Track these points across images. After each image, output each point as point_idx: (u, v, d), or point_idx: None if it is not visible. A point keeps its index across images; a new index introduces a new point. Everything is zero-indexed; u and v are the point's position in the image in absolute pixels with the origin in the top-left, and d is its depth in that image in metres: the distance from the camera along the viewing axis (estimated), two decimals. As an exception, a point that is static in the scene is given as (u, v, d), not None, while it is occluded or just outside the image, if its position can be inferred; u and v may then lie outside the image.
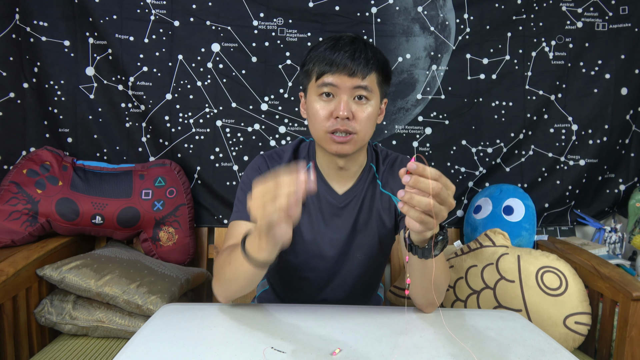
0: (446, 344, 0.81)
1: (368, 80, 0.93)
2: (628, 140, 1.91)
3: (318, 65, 0.94)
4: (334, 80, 0.92)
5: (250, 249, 0.80)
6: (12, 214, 1.50)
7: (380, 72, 0.96)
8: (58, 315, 1.35)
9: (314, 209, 1.05)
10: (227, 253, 0.90)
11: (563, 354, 0.78)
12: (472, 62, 1.83)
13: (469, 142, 1.85)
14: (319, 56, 0.94)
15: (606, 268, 1.38)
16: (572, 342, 1.36)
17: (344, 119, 0.93)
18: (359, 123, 0.94)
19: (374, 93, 0.96)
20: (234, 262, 0.85)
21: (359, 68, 0.91)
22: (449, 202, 0.70)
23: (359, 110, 0.94)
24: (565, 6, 1.83)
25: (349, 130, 0.93)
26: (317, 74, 0.94)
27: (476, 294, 1.46)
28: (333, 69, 0.92)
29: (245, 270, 0.83)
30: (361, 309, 0.98)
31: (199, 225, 1.78)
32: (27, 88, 1.69)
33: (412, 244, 0.81)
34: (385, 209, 1.06)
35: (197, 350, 0.76)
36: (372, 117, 0.96)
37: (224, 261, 0.89)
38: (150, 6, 1.70)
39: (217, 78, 1.75)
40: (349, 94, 0.93)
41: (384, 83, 0.99)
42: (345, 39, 0.94)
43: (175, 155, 1.75)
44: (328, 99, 0.94)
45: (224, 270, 0.89)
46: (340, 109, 0.92)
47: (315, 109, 0.95)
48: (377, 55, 0.96)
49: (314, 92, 0.96)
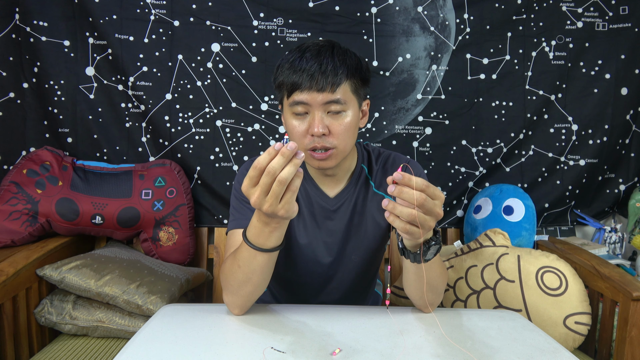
0: (446, 344, 0.81)
1: (340, 92, 0.89)
2: (628, 140, 1.91)
3: (287, 80, 0.90)
4: (304, 98, 0.88)
5: (257, 239, 0.79)
6: (12, 214, 1.50)
7: (354, 78, 0.92)
8: (58, 315, 1.35)
9: (307, 213, 1.04)
10: (230, 260, 0.87)
11: (563, 354, 0.78)
12: (472, 62, 1.83)
13: (469, 142, 1.85)
14: (288, 70, 0.90)
15: (606, 268, 1.38)
16: (572, 342, 1.36)
17: (320, 136, 0.89)
18: (337, 137, 0.90)
19: (349, 103, 0.91)
20: (244, 262, 0.83)
21: (327, 81, 0.87)
22: (435, 212, 0.69)
23: (334, 124, 0.90)
24: (565, 6, 1.83)
25: (327, 146, 0.90)
26: (287, 91, 0.90)
27: (476, 294, 1.46)
28: (302, 84, 0.87)
29: (259, 263, 0.82)
30: (361, 309, 0.98)
31: (199, 225, 1.78)
32: (27, 88, 1.69)
33: (404, 249, 0.81)
34: (378, 209, 1.05)
35: (197, 350, 0.76)
36: (351, 127, 0.92)
37: (231, 268, 0.86)
38: (150, 6, 1.70)
39: (217, 78, 1.75)
40: (322, 109, 0.89)
41: (360, 88, 0.94)
42: (311, 50, 0.90)
43: (175, 155, 1.75)
44: (302, 116, 0.91)
45: (234, 275, 0.86)
46: (315, 127, 0.88)
47: (291, 126, 0.92)
48: (347, 61, 0.91)
49: (288, 110, 0.93)
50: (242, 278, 0.85)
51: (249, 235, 0.80)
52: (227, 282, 0.88)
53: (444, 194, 1.86)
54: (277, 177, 0.68)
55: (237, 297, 0.88)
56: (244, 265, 0.83)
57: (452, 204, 1.88)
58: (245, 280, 0.85)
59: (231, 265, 0.86)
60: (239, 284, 0.86)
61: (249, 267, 0.83)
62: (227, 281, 0.88)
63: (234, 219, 1.00)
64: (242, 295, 0.88)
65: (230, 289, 0.88)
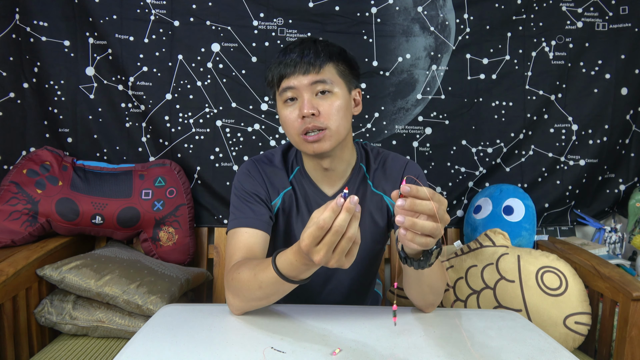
0: (446, 344, 0.81)
1: (325, 73, 0.92)
2: (628, 140, 1.91)
3: (275, 72, 0.95)
4: (292, 83, 0.92)
5: (291, 273, 0.77)
6: (12, 214, 1.50)
7: (338, 62, 0.95)
8: (58, 315, 1.35)
9: (305, 211, 1.04)
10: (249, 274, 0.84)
11: (563, 354, 0.78)
12: (472, 62, 1.83)
13: (469, 142, 1.85)
14: (274, 65, 0.95)
15: (606, 268, 1.38)
16: (572, 342, 1.36)
17: (310, 116, 0.91)
18: (327, 117, 0.92)
19: (337, 84, 0.94)
20: (267, 284, 0.81)
21: (310, 62, 0.91)
22: (445, 219, 0.68)
23: (323, 104, 0.93)
24: (565, 6, 1.83)
25: (318, 126, 0.92)
26: (277, 82, 0.95)
27: (476, 294, 1.46)
28: (288, 71, 0.92)
29: (285, 290, 0.82)
30: (361, 309, 0.98)
31: (199, 225, 1.78)
32: (27, 88, 1.69)
33: (406, 257, 0.79)
34: (377, 208, 1.05)
35: (197, 350, 0.76)
36: (341, 109, 0.94)
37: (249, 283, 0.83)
38: (150, 6, 1.70)
39: (217, 78, 1.75)
40: (309, 91, 0.92)
41: (348, 72, 0.97)
42: (295, 42, 0.96)
43: (175, 155, 1.75)
44: (293, 102, 0.94)
45: (250, 291, 0.84)
46: (304, 107, 0.91)
47: (284, 116, 0.95)
48: (329, 48, 0.95)
49: (280, 101, 0.96)
50: (261, 296, 0.84)
51: (281, 268, 0.77)
52: (239, 290, 0.87)
53: (444, 194, 1.86)
54: (344, 235, 0.66)
55: (245, 304, 0.89)
56: (266, 287, 0.81)
57: (452, 204, 1.88)
58: (262, 298, 0.85)
59: (250, 281, 0.83)
60: (255, 299, 0.86)
61: (271, 290, 0.82)
62: (240, 290, 0.86)
63: (235, 218, 1.00)
64: (253, 306, 0.89)
65: (241, 297, 0.87)
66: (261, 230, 0.98)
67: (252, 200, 1.01)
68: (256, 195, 1.02)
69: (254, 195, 1.01)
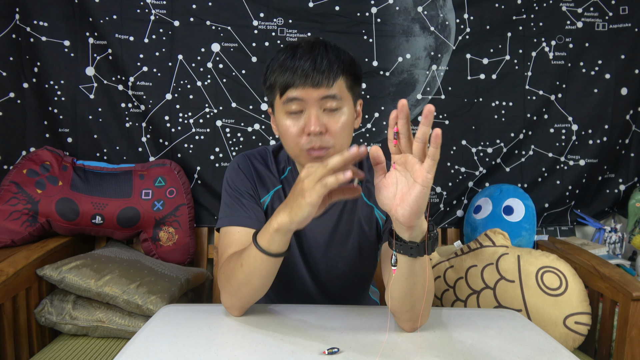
0: (446, 344, 0.81)
1: (336, 88, 0.85)
2: (628, 140, 1.91)
3: (279, 79, 0.86)
4: (299, 94, 0.84)
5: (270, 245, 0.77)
6: (12, 214, 1.50)
7: (349, 75, 0.88)
8: (58, 315, 1.35)
9: None
10: (234, 260, 0.85)
11: (563, 354, 0.78)
12: (472, 62, 1.83)
13: (469, 142, 1.85)
14: (279, 69, 0.86)
15: (606, 268, 1.38)
16: (572, 342, 1.36)
17: (317, 135, 0.85)
18: (334, 136, 0.86)
19: (345, 100, 0.88)
20: (248, 263, 0.81)
21: (323, 76, 0.83)
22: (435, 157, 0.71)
23: (331, 122, 0.86)
24: (565, 6, 1.83)
25: (324, 145, 0.86)
26: (281, 89, 0.86)
27: (476, 294, 1.46)
28: (296, 81, 0.84)
29: (266, 267, 0.80)
30: (361, 309, 0.98)
31: (199, 225, 1.78)
32: (27, 88, 1.69)
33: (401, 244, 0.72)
34: (367, 219, 1.01)
35: (197, 351, 0.76)
36: (347, 126, 0.88)
37: (234, 268, 0.84)
38: (150, 6, 1.70)
39: (217, 78, 1.75)
40: (317, 106, 0.85)
41: (354, 85, 0.91)
42: (304, 46, 0.87)
43: (175, 155, 1.75)
44: (296, 115, 0.87)
45: (234, 275, 0.84)
46: (312, 125, 0.84)
47: (285, 127, 0.88)
48: (342, 57, 0.88)
49: (281, 110, 0.88)
50: (242, 279, 0.83)
51: (259, 239, 0.79)
52: (226, 282, 0.87)
53: (444, 194, 1.86)
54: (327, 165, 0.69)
55: (235, 298, 0.88)
56: (247, 267, 0.81)
57: (452, 204, 1.88)
58: (244, 282, 0.84)
59: (235, 264, 0.84)
60: (239, 284, 0.85)
61: (252, 270, 0.81)
62: (226, 281, 0.86)
63: (226, 216, 0.98)
64: (240, 297, 0.87)
65: (229, 290, 0.87)
66: (253, 229, 0.95)
67: (243, 198, 0.98)
68: (247, 192, 0.99)
69: (245, 193, 0.99)
